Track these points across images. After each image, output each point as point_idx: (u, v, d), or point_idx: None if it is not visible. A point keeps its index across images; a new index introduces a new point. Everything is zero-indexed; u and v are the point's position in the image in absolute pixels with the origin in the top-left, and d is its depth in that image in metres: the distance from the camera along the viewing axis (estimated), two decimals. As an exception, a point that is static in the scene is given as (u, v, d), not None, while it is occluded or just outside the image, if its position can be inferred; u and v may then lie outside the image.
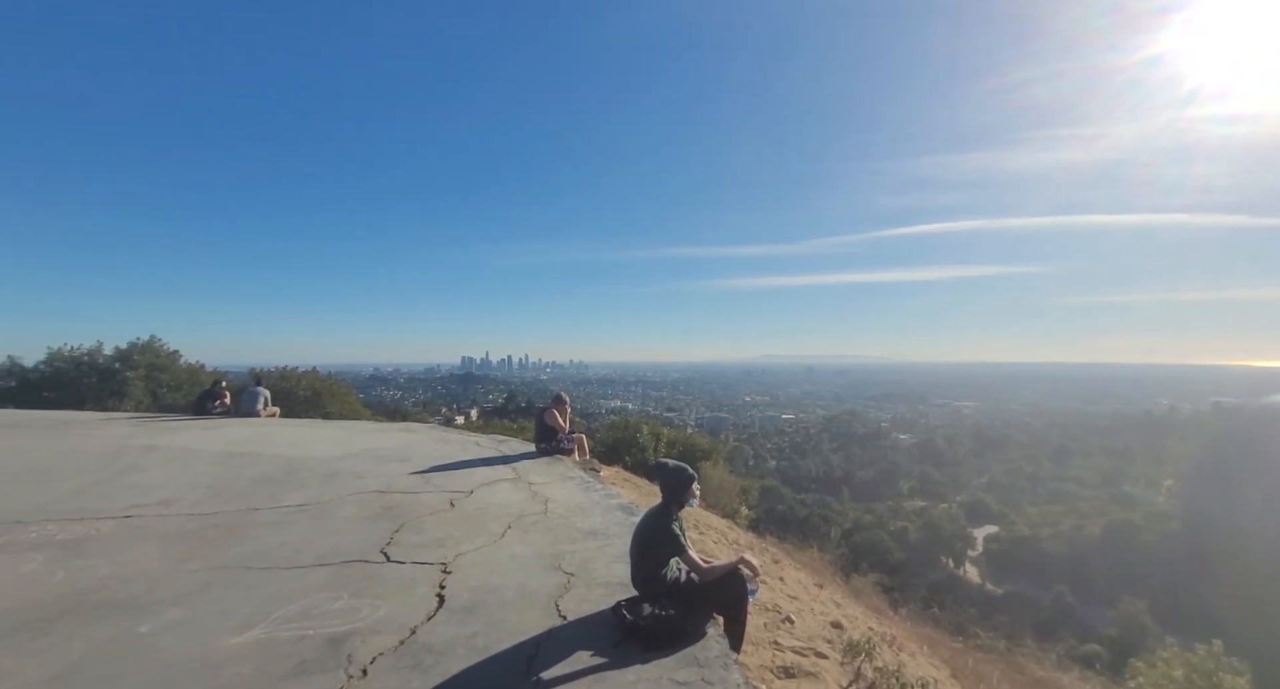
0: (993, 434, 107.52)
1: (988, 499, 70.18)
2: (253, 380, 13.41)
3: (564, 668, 2.89)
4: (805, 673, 3.71)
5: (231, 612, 3.49)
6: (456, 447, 9.05)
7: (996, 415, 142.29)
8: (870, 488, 78.70)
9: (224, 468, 7.20)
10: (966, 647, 7.97)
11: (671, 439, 13.58)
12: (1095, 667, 9.73)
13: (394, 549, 4.54)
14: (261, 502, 5.82)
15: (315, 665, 2.92)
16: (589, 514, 5.57)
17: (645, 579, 3.45)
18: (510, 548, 4.63)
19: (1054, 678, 7.76)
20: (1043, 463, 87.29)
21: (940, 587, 39.74)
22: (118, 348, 16.14)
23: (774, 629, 4.37)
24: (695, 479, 3.64)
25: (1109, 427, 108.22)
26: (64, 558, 4.31)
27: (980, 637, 9.28)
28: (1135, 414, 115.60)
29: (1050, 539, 52.70)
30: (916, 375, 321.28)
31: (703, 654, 3.05)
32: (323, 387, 17.90)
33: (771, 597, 5.19)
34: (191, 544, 4.63)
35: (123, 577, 3.99)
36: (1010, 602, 43.63)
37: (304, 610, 3.51)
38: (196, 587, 3.85)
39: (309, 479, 6.75)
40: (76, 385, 15.13)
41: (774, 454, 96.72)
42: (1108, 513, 55.73)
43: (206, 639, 3.17)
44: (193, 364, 17.66)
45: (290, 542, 4.69)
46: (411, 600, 3.65)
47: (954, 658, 6.84)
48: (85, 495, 5.90)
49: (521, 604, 3.62)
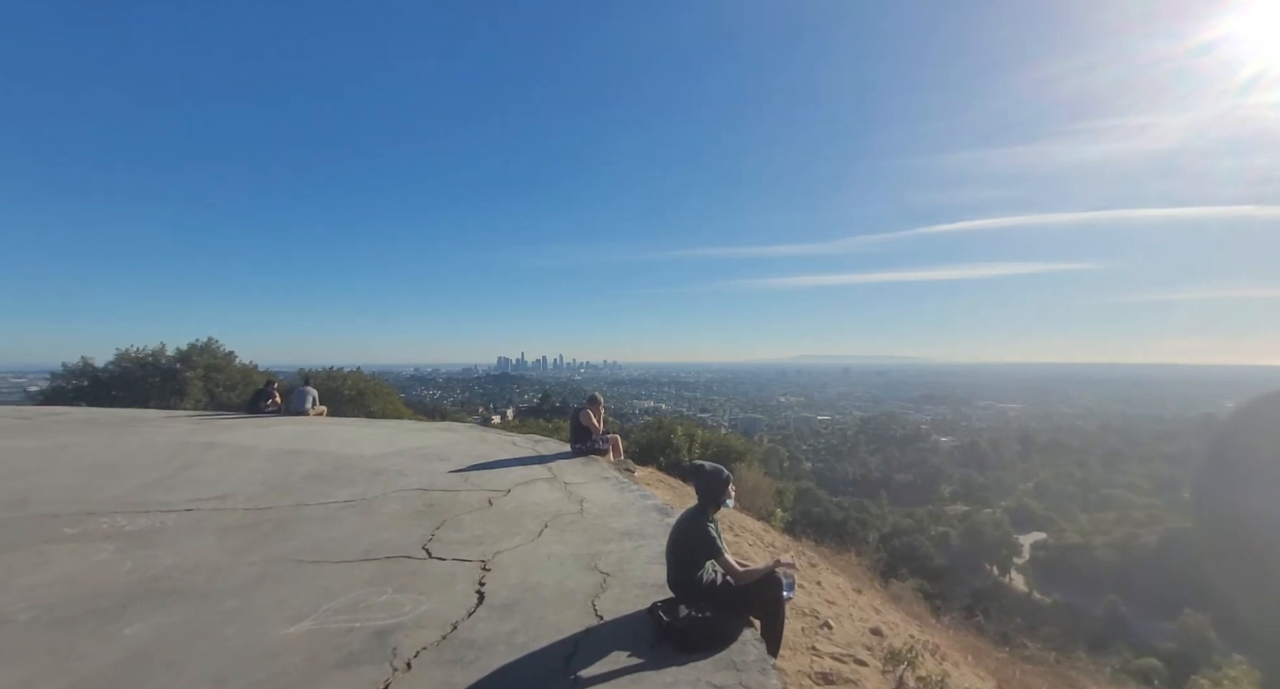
0: (1040, 437, 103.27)
1: (1034, 505, 67.43)
2: (302, 380, 13.95)
3: (601, 667, 2.92)
4: (845, 680, 3.66)
5: (284, 603, 3.65)
6: (494, 446, 9.23)
7: (1044, 418, 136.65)
8: (909, 491, 76.65)
9: (276, 465, 7.52)
10: (1013, 657, 7.69)
11: (705, 440, 13.52)
12: (1154, 682, 9.25)
13: (435, 546, 4.67)
14: (311, 498, 6.06)
15: (363, 657, 3.03)
16: (624, 514, 5.61)
17: (681, 581, 3.46)
18: (547, 547, 4.71)
19: (1108, 693, 7.42)
20: (1094, 468, 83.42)
21: (984, 594, 38.41)
22: (178, 349, 17.03)
23: (812, 634, 4.32)
24: (731, 481, 3.63)
25: (1167, 430, 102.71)
26: (132, 548, 4.58)
27: (1028, 647, 8.94)
28: (1196, 417, 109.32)
29: (1102, 547, 50.35)
30: (958, 377, 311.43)
31: (740, 658, 3.04)
32: (367, 386, 18.50)
33: (809, 601, 5.13)
34: (247, 537, 4.86)
35: (185, 567, 4.22)
36: (1059, 612, 41.85)
37: (351, 604, 3.64)
38: (252, 578, 4.03)
39: (355, 476, 6.99)
40: (142, 384, 16.02)
41: (809, 456, 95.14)
42: (1165, 521, 52.89)
43: (262, 629, 3.33)
44: (246, 365, 18.49)
45: (338, 537, 4.88)
46: (453, 596, 3.75)
47: (1000, 669, 6.61)
48: (151, 489, 6.25)
49: (559, 603, 3.67)
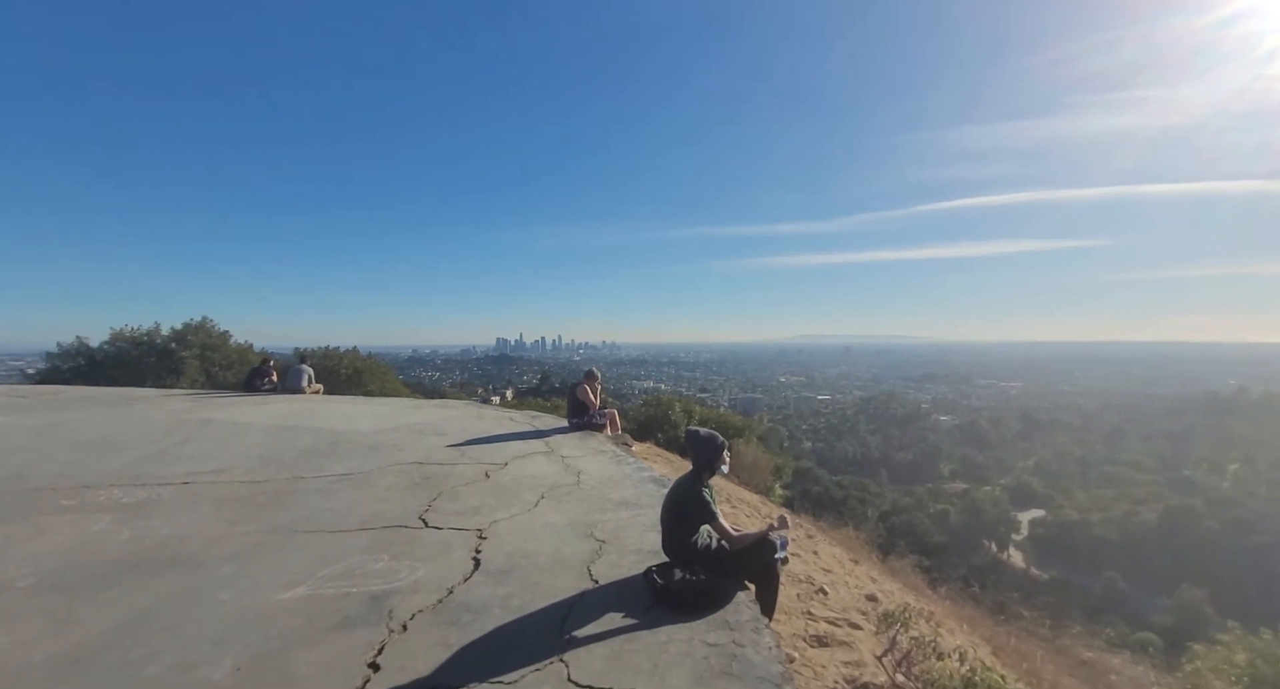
0: (1040, 416, 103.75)
1: (1034, 483, 67.96)
2: (298, 359, 13.92)
3: (596, 627, 2.94)
4: (839, 642, 3.69)
5: (281, 570, 3.67)
6: (492, 422, 9.23)
7: (1045, 397, 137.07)
8: (909, 470, 77.28)
9: (273, 440, 7.53)
10: (1009, 627, 7.77)
11: (704, 416, 13.52)
12: (1149, 651, 9.36)
13: (432, 516, 4.68)
14: (308, 471, 6.07)
15: (359, 620, 3.05)
16: (621, 486, 5.61)
17: (676, 546, 3.46)
18: (544, 516, 4.71)
19: (1102, 660, 7.51)
20: (1094, 446, 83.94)
21: (982, 569, 38.84)
22: (173, 329, 16.97)
23: (807, 600, 4.35)
24: (726, 447, 3.61)
25: (1170, 409, 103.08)
26: (129, 519, 4.59)
27: (1024, 618, 9.03)
28: (1199, 395, 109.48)
29: (1101, 524, 50.84)
30: (960, 356, 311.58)
31: (734, 618, 3.05)
32: (364, 366, 18.47)
33: (805, 569, 5.16)
34: (244, 508, 4.87)
35: (182, 536, 4.23)
36: (1056, 587, 42.39)
37: (347, 570, 3.66)
38: (249, 547, 4.05)
39: (352, 451, 6.99)
40: (138, 364, 16.00)
41: (809, 435, 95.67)
42: (1165, 498, 53.33)
43: (259, 594, 3.35)
44: (242, 344, 18.45)
45: (335, 508, 4.89)
46: (449, 563, 3.77)
47: (995, 637, 6.68)
48: (148, 464, 6.27)
49: (555, 569, 3.68)
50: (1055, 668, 6.24)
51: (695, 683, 2.49)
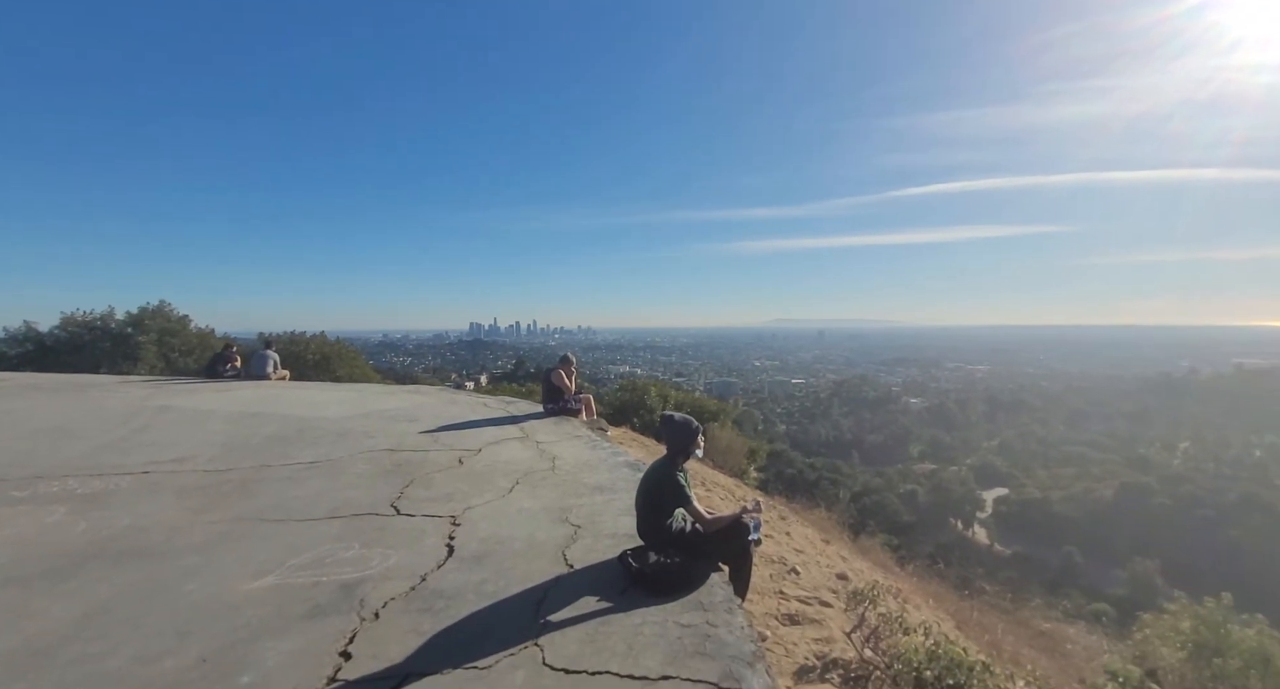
0: (1006, 398, 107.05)
1: (998, 462, 70.40)
2: (262, 344, 13.53)
3: (571, 612, 2.95)
4: (809, 620, 3.77)
5: (248, 560, 3.58)
6: (465, 407, 9.13)
7: (1010, 379, 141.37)
8: (880, 452, 79.19)
9: (237, 427, 7.33)
10: (972, 602, 8.07)
11: (679, 401, 13.60)
12: (1102, 621, 9.84)
13: (404, 503, 4.62)
14: (274, 459, 5.92)
15: (330, 608, 3.00)
16: (596, 470, 5.61)
17: (651, 529, 3.48)
18: (518, 502, 4.69)
19: (1059, 630, 7.87)
20: (1056, 426, 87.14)
21: (948, 547, 40.19)
22: (129, 313, 16.30)
23: (780, 580, 4.43)
24: (701, 431, 3.62)
25: (1128, 390, 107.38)
26: (85, 510, 4.43)
27: (986, 592, 9.40)
28: (1155, 377, 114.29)
29: (1060, 501, 52.98)
30: (930, 340, 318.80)
31: (707, 599, 3.08)
32: (332, 351, 18.03)
33: (778, 550, 5.25)
34: (207, 498, 4.74)
35: (142, 527, 4.10)
36: (1018, 562, 44.22)
37: (317, 559, 3.59)
38: (214, 537, 3.95)
39: (320, 438, 6.85)
40: (91, 349, 15.36)
41: (783, 419, 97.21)
42: (1121, 476, 55.74)
43: (225, 584, 3.27)
44: (203, 329, 17.84)
45: (303, 496, 4.79)
46: (422, 550, 3.73)
47: (959, 611, 6.94)
48: (104, 453, 6.05)
49: (530, 554, 3.67)
50: (1015, 639, 6.51)
51: (669, 663, 2.51)
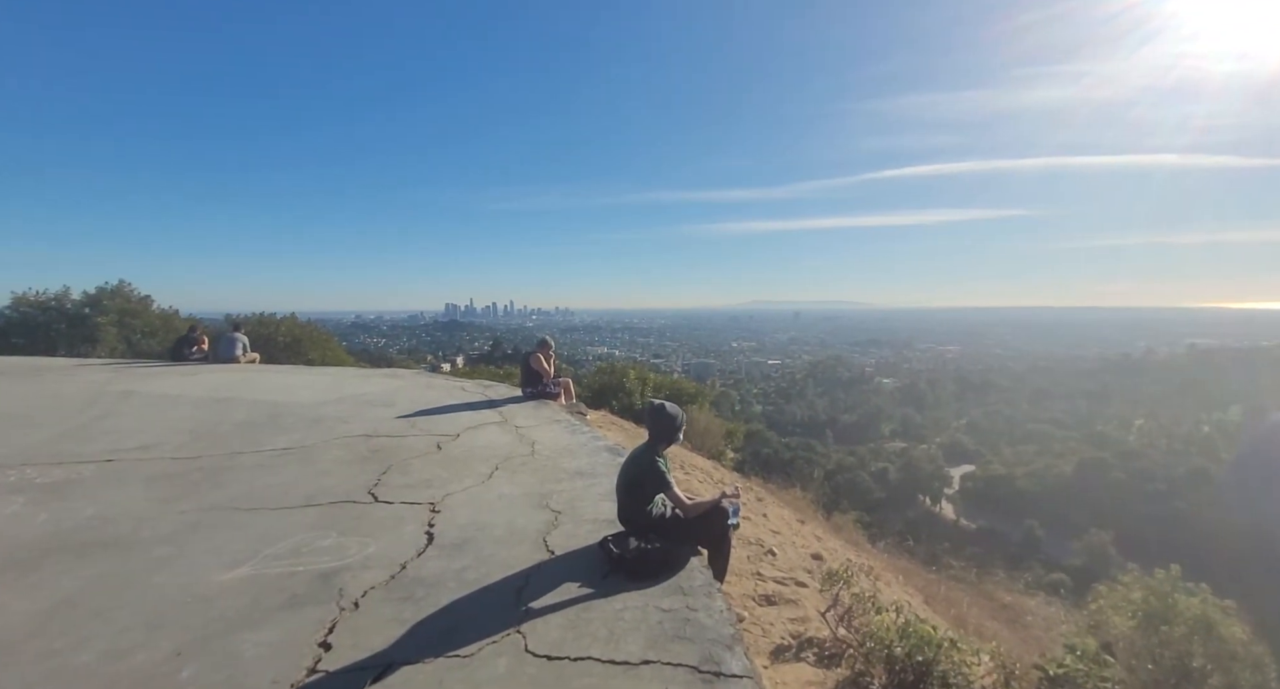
0: (974, 378, 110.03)
1: (966, 440, 72.65)
2: (231, 326, 13.13)
3: (552, 598, 2.97)
4: (786, 600, 3.87)
5: (220, 550, 3.52)
6: (442, 392, 9.04)
7: (979, 359, 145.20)
8: (853, 431, 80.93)
9: (205, 413, 7.14)
10: (939, 577, 8.38)
11: (658, 384, 13.66)
12: (1060, 592, 10.32)
13: (381, 490, 4.57)
14: (245, 446, 5.80)
15: (307, 598, 2.97)
16: (576, 455, 5.62)
17: (631, 515, 3.50)
18: (498, 488, 4.68)
19: (1020, 602, 8.23)
20: (1021, 405, 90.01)
21: (917, 523, 41.60)
22: (86, 293, 15.65)
23: (757, 561, 4.53)
24: (684, 422, 3.65)
25: (1089, 370, 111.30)
26: (46, 500, 4.30)
27: (953, 567, 9.77)
28: (1115, 357, 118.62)
29: (1023, 477, 54.97)
30: (902, 321, 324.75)
31: (687, 583, 3.13)
32: (303, 333, 17.57)
33: (755, 532, 5.35)
34: (176, 487, 4.63)
35: (108, 517, 4.00)
36: (982, 536, 46.00)
37: (293, 548, 3.55)
38: (184, 527, 3.86)
39: (293, 424, 6.72)
40: (46, 331, 14.73)
41: (760, 399, 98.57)
42: (1080, 452, 57.98)
43: (197, 575, 3.21)
44: (166, 310, 17.23)
45: (276, 484, 4.71)
46: (401, 538, 3.70)
47: (927, 587, 7.19)
48: (64, 440, 5.84)
49: (510, 540, 3.67)
50: (980, 612, 6.79)
51: (649, 647, 2.55)
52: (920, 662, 2.89)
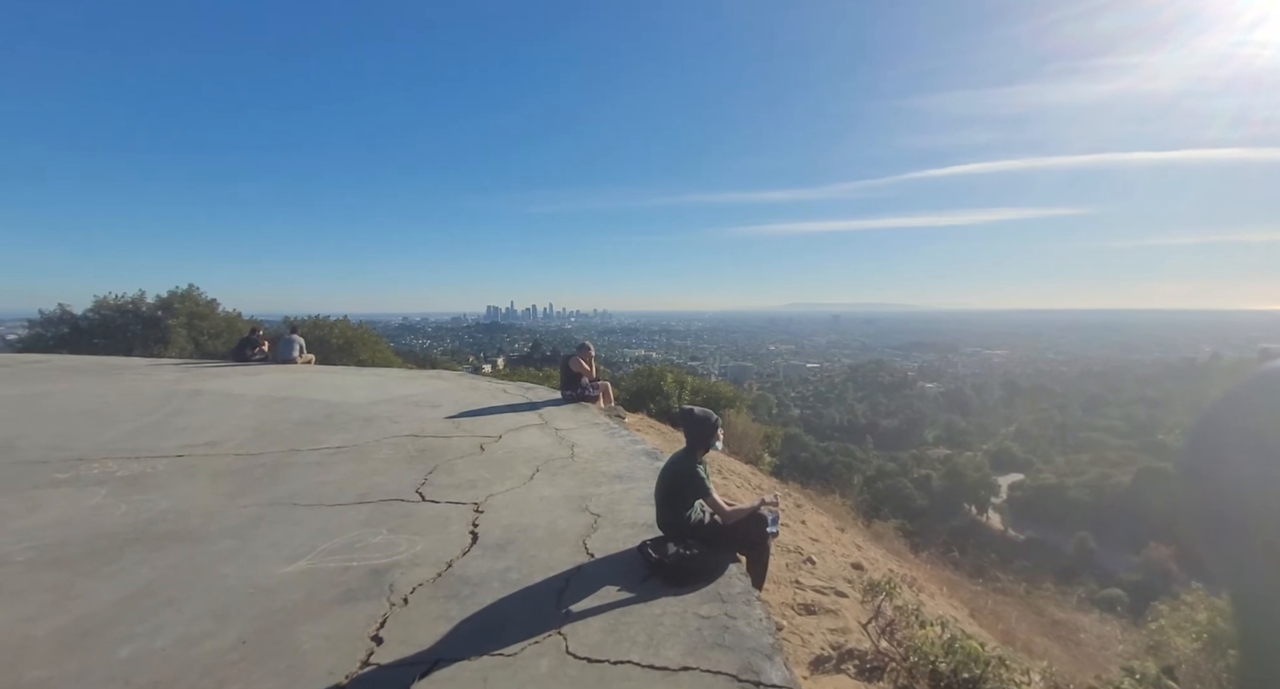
0: (1023, 383, 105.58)
1: (1014, 448, 69.73)
2: (289, 329, 13.78)
3: (593, 601, 3.02)
4: (825, 610, 3.83)
5: (281, 544, 3.71)
6: (485, 393, 9.26)
7: (1029, 364, 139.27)
8: (894, 437, 78.78)
9: (266, 411, 7.52)
10: (986, 589, 8.11)
11: (695, 387, 13.64)
12: (1116, 609, 9.82)
13: (428, 489, 4.73)
14: (303, 444, 6.08)
15: (360, 593, 3.11)
16: (614, 459, 5.68)
17: (670, 521, 3.53)
18: (539, 490, 4.78)
19: (1072, 619, 7.89)
20: (1075, 412, 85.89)
21: (961, 532, 40.15)
22: (159, 296, 16.69)
23: (795, 569, 4.49)
24: (720, 424, 3.66)
25: (1149, 375, 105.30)
26: (125, 492, 4.61)
27: (1000, 580, 9.43)
28: (1176, 362, 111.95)
29: (1076, 487, 52.44)
30: (947, 324, 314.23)
31: (726, 590, 3.14)
32: (355, 335, 18.33)
33: (793, 539, 5.30)
34: (241, 482, 4.90)
35: (180, 510, 4.26)
36: (1032, 547, 44.04)
37: (347, 544, 3.71)
38: (248, 520, 4.09)
39: (347, 423, 7.01)
40: (123, 332, 15.78)
41: (798, 403, 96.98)
42: (1138, 462, 54.96)
43: (260, 568, 3.39)
44: (230, 313, 18.22)
45: (332, 481, 4.92)
46: (446, 537, 3.83)
47: (973, 599, 6.97)
48: (140, 435, 6.25)
49: (551, 542, 3.75)
50: (1029, 627, 6.55)
51: (689, 654, 2.57)
52: (967, 679, 2.83)
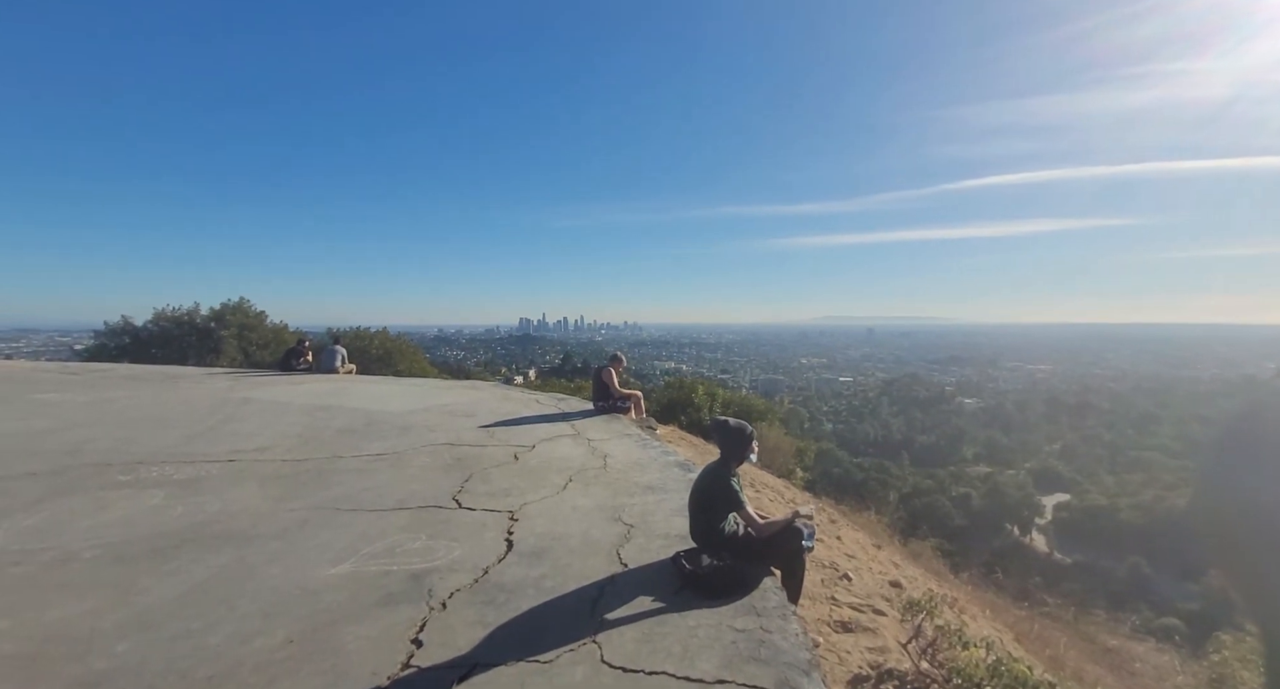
0: (1069, 399, 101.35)
1: (1060, 467, 66.80)
2: (331, 340, 14.29)
3: (626, 610, 3.03)
4: (863, 628, 3.75)
5: (325, 547, 3.84)
6: (519, 404, 9.40)
7: (1075, 379, 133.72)
8: (931, 453, 76.45)
9: (311, 419, 7.79)
10: (1031, 613, 7.78)
11: (726, 400, 13.55)
12: (1174, 639, 9.27)
13: (465, 497, 4.83)
14: (345, 450, 6.28)
15: (400, 597, 3.19)
16: (647, 469, 5.70)
17: (704, 532, 3.53)
18: (572, 499, 4.83)
19: (1126, 647, 7.49)
20: (1124, 430, 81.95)
21: (1004, 553, 38.59)
22: (212, 309, 17.52)
23: (831, 585, 4.41)
24: (754, 437, 3.65)
25: (1205, 392, 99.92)
26: (181, 494, 4.83)
27: (1047, 604, 9.03)
28: (1236, 378, 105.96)
29: (1128, 509, 49.86)
30: (986, 337, 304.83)
31: (761, 604, 3.12)
32: (393, 346, 18.88)
33: (829, 555, 5.22)
34: (288, 486, 5.08)
35: (231, 512, 4.45)
36: (1080, 571, 41.96)
37: (388, 549, 3.81)
38: (294, 524, 4.24)
39: (386, 431, 7.21)
40: (180, 343, 16.60)
41: (830, 417, 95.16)
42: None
43: (306, 570, 3.51)
44: (277, 324, 18.97)
45: (372, 487, 5.07)
46: (483, 544, 3.90)
47: (1018, 623, 6.70)
48: (195, 441, 6.55)
49: (585, 551, 3.79)
50: (1079, 654, 6.26)
51: (724, 667, 2.56)
52: (1011, 703, 2.74)
